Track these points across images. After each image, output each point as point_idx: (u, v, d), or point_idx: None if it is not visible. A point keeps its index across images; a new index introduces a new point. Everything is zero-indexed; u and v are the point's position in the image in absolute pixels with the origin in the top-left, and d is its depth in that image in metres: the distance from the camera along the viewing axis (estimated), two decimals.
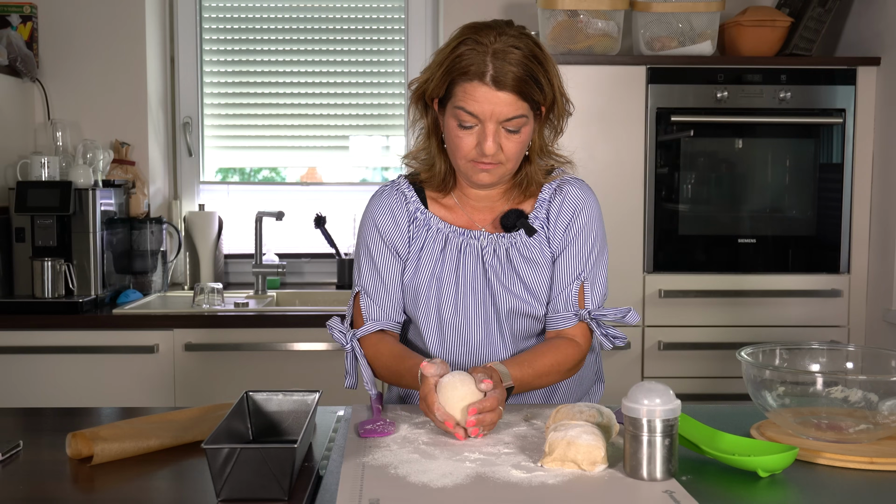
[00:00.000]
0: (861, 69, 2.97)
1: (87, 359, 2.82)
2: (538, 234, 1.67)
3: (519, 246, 1.66)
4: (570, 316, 1.65)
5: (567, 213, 1.67)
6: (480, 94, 1.52)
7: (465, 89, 1.53)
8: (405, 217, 1.70)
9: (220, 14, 3.54)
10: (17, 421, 1.64)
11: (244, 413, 1.39)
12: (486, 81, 1.52)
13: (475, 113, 1.53)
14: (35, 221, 2.98)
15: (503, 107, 1.53)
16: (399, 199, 1.71)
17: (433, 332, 1.68)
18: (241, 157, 3.64)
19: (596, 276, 1.67)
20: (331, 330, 1.70)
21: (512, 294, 1.65)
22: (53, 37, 3.31)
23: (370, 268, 1.70)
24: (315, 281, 3.54)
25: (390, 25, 3.55)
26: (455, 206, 1.71)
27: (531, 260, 1.66)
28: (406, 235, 1.70)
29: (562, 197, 1.68)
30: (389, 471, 1.25)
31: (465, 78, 1.53)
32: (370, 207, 1.74)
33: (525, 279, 1.65)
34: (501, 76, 1.51)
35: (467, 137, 1.56)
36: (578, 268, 1.66)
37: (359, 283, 1.71)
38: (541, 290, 1.65)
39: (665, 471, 1.21)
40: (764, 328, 3.00)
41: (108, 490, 1.24)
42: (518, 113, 1.54)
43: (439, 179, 1.68)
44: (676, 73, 2.96)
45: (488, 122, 1.54)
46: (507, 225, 1.66)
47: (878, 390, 1.33)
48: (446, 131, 1.60)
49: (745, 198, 3.03)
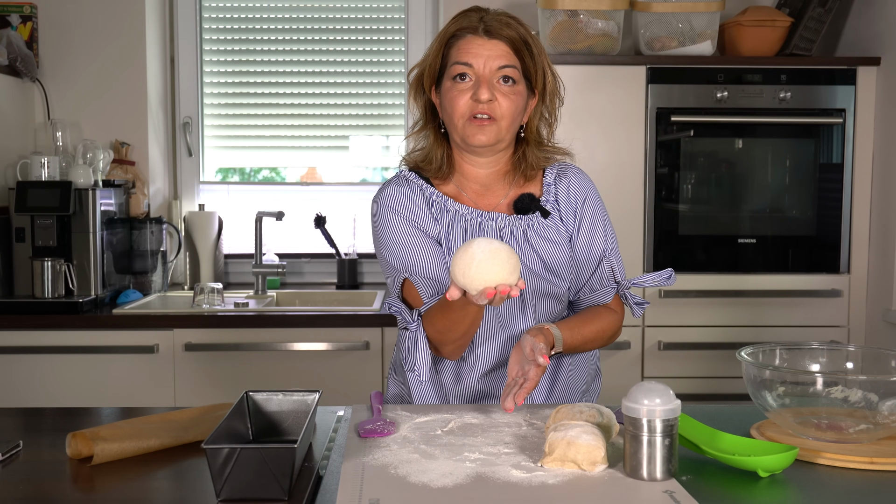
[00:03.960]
0: (861, 69, 2.97)
1: (87, 359, 2.82)
2: (552, 215, 1.71)
3: (536, 227, 1.69)
4: (609, 290, 1.72)
5: (575, 193, 1.73)
6: (474, 44, 1.62)
7: (458, 46, 1.64)
8: (423, 200, 1.70)
9: (220, 14, 3.54)
10: (17, 421, 1.63)
11: (244, 413, 1.39)
12: (478, 33, 1.62)
13: (469, 62, 1.62)
14: (35, 221, 2.98)
15: (496, 55, 1.62)
16: (411, 186, 1.72)
17: None
18: (241, 157, 3.64)
19: (616, 251, 1.76)
20: (396, 311, 1.63)
21: (534, 274, 1.67)
22: (53, 37, 3.31)
23: (404, 248, 1.65)
24: (315, 281, 3.54)
25: (390, 25, 3.55)
26: (459, 194, 1.72)
27: (549, 240, 1.69)
28: (429, 216, 1.69)
29: (566, 182, 1.74)
30: (389, 471, 1.25)
31: (458, 37, 1.64)
32: (382, 200, 1.71)
33: (545, 258, 1.68)
34: (493, 28, 1.62)
35: (464, 93, 1.63)
36: (601, 247, 1.72)
37: (402, 268, 1.65)
38: (561, 269, 1.69)
39: (665, 471, 1.21)
40: (764, 328, 3.00)
41: (108, 490, 1.24)
42: (509, 62, 1.62)
43: (437, 164, 1.71)
44: (676, 73, 2.96)
45: (483, 71, 1.61)
46: (521, 208, 1.70)
47: (878, 390, 1.33)
48: (445, 101, 1.66)
49: (744, 198, 3.03)
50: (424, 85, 1.70)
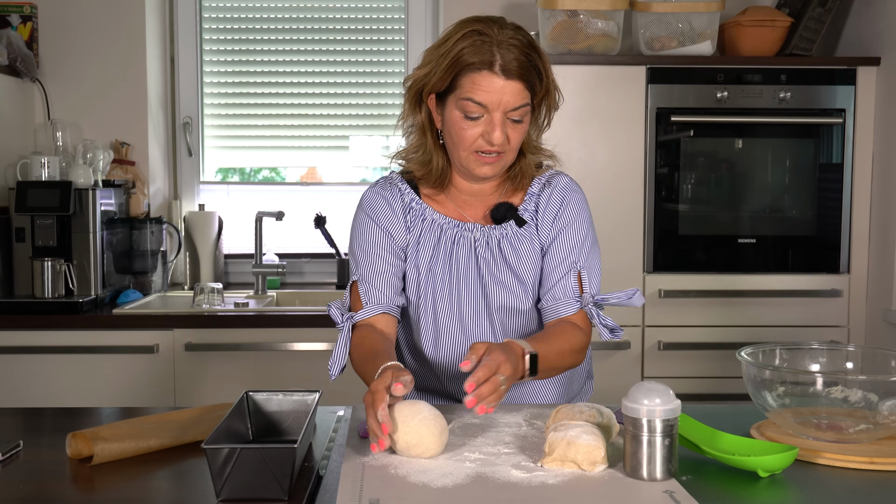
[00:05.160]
0: (861, 69, 2.97)
1: (87, 359, 2.82)
2: (528, 224, 1.68)
3: (510, 237, 1.67)
4: (571, 302, 1.64)
5: (555, 202, 1.68)
6: (490, 83, 1.53)
7: (473, 80, 1.54)
8: (400, 207, 1.71)
9: (220, 14, 3.54)
10: (17, 421, 1.64)
11: (244, 413, 1.39)
12: (495, 70, 1.53)
13: (484, 102, 1.54)
14: (35, 221, 2.98)
15: (511, 96, 1.54)
16: (394, 190, 1.72)
17: (429, 326, 1.68)
18: (241, 157, 3.64)
19: (591, 267, 1.67)
20: (330, 308, 1.67)
21: (503, 287, 1.66)
22: (53, 37, 3.31)
23: (366, 255, 1.69)
24: (315, 281, 3.54)
25: (390, 25, 3.55)
26: (446, 201, 1.71)
27: (521, 251, 1.67)
28: (403, 223, 1.70)
29: (550, 189, 1.70)
30: (389, 471, 1.25)
31: (472, 68, 1.54)
32: (364, 200, 1.75)
33: (516, 270, 1.66)
34: (509, 65, 1.53)
35: (473, 129, 1.57)
36: (573, 256, 1.66)
37: (356, 272, 1.70)
38: (531, 281, 1.66)
39: (665, 471, 1.21)
40: (764, 328, 2.99)
41: (108, 490, 1.24)
42: (523, 102, 1.56)
43: (436, 175, 1.68)
44: (676, 73, 2.96)
45: (495, 112, 1.55)
46: (496, 217, 1.68)
47: (878, 390, 1.33)
48: (448, 124, 1.61)
49: (744, 198, 3.03)
50: (423, 96, 1.64)
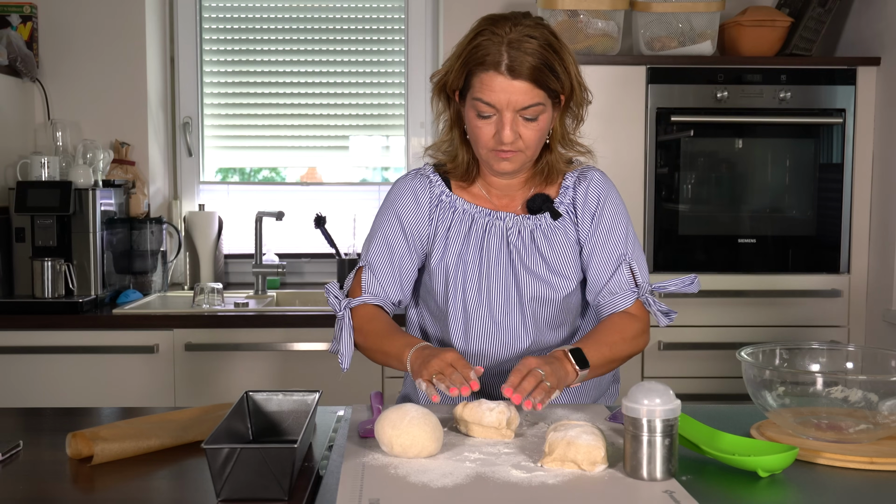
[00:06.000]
0: (861, 69, 2.97)
1: (87, 359, 2.82)
2: (563, 217, 1.69)
3: (544, 228, 1.68)
4: (627, 294, 1.66)
5: (593, 199, 1.70)
6: (496, 83, 1.54)
7: (481, 80, 1.56)
8: (428, 200, 1.71)
9: (220, 14, 3.54)
10: (17, 421, 1.64)
11: (244, 413, 1.39)
12: (501, 71, 1.54)
13: (492, 102, 1.56)
14: (35, 221, 2.98)
15: (519, 95, 1.55)
16: (423, 182, 1.73)
17: (459, 316, 1.68)
18: (241, 157, 3.64)
19: (638, 257, 1.70)
20: (328, 293, 1.69)
21: (535, 276, 1.66)
22: (53, 37, 3.31)
23: (380, 245, 1.70)
24: (315, 281, 3.54)
25: (390, 25, 3.55)
26: (480, 195, 1.72)
27: (556, 242, 1.68)
28: (427, 219, 1.70)
29: (586, 184, 1.71)
30: (389, 471, 1.25)
31: (481, 68, 1.55)
32: (393, 190, 1.75)
33: (549, 260, 1.66)
34: (516, 65, 1.53)
35: (486, 127, 1.59)
36: (620, 249, 1.68)
37: (364, 259, 1.71)
38: (565, 271, 1.67)
39: (665, 471, 1.21)
40: (764, 328, 2.99)
41: (108, 490, 1.24)
42: (534, 101, 1.56)
43: (462, 169, 1.70)
44: (676, 73, 2.96)
45: (505, 111, 1.56)
46: (532, 207, 1.69)
47: (878, 390, 1.33)
48: (467, 122, 1.63)
49: (744, 198, 3.03)
50: (448, 92, 1.65)
